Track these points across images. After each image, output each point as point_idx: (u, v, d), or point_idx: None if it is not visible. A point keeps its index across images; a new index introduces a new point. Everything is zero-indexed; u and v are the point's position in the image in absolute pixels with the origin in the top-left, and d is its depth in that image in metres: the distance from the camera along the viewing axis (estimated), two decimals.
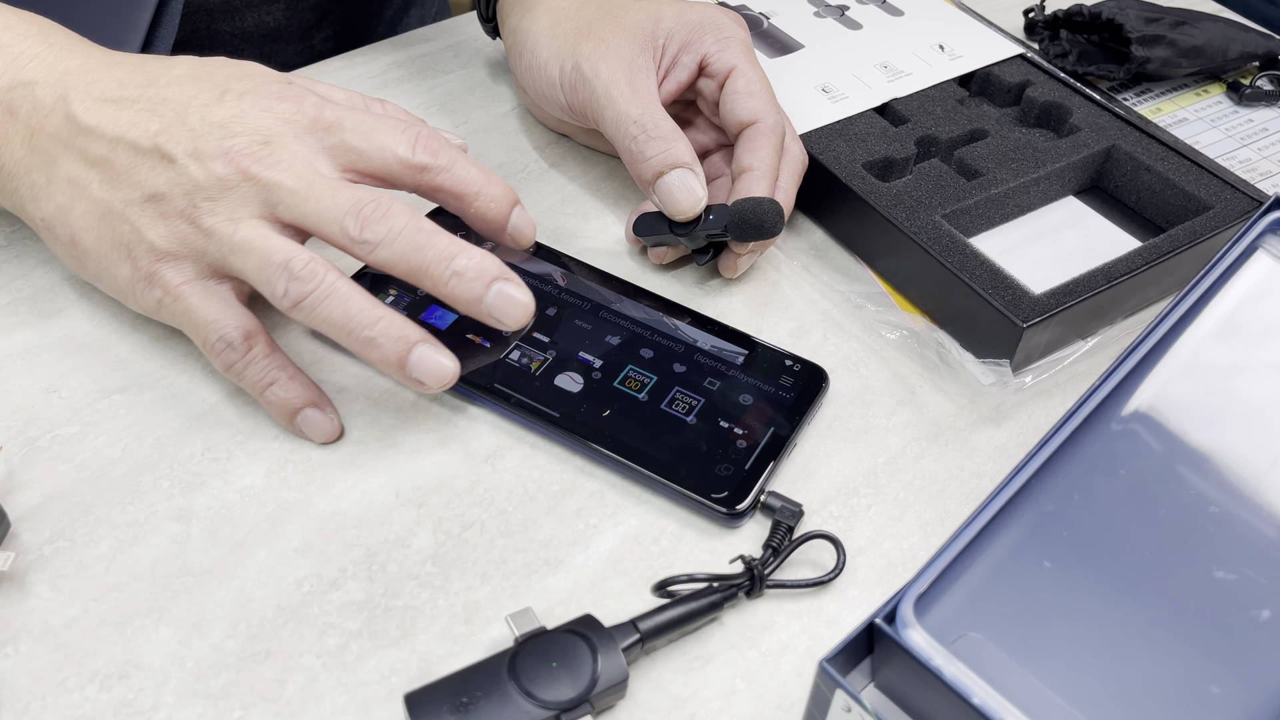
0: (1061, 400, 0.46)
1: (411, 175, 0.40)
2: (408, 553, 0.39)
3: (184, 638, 0.36)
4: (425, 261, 0.38)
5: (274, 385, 0.41)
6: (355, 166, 0.40)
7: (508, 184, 0.42)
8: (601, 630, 0.35)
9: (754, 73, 0.49)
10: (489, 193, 0.41)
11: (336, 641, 0.36)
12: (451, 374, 0.39)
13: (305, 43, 0.68)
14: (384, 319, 0.38)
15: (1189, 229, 0.49)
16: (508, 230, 0.42)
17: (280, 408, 0.41)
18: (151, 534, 0.39)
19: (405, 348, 0.38)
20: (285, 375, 0.41)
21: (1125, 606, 0.32)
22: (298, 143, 0.39)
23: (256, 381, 0.41)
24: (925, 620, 0.31)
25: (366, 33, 0.70)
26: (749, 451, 0.41)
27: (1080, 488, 0.33)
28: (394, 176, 0.40)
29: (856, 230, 0.51)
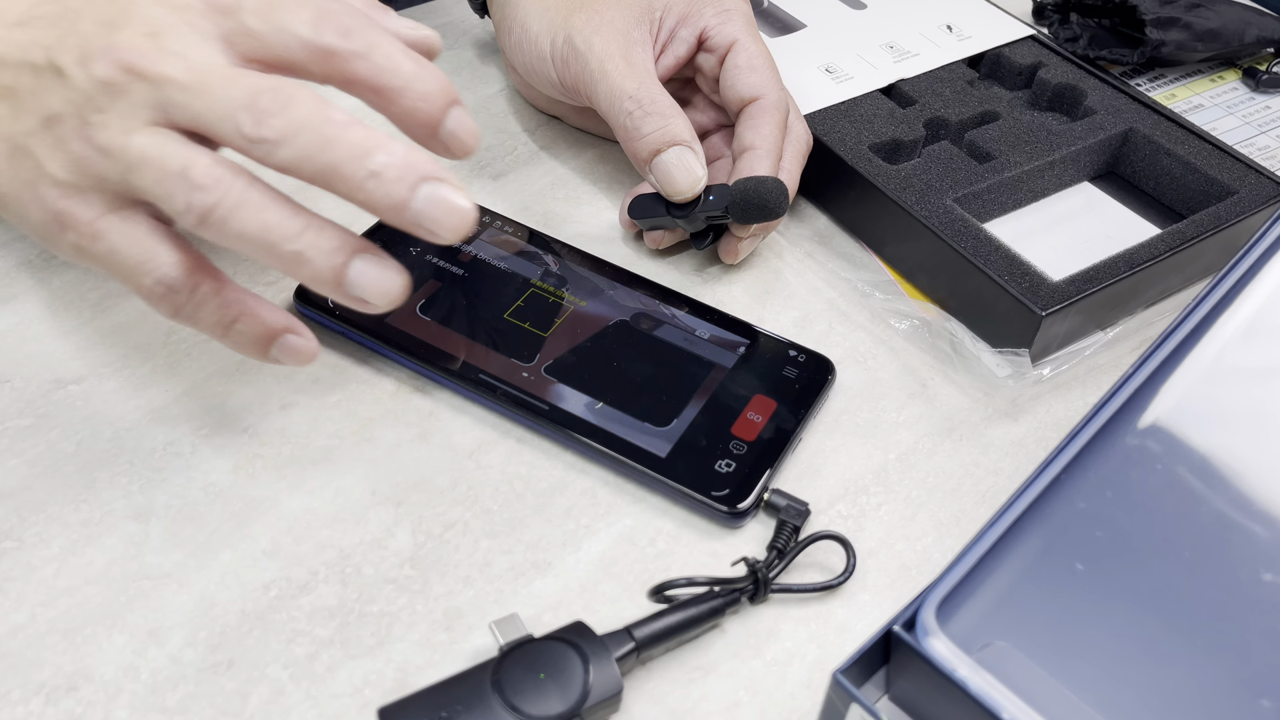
0: (1081, 394, 0.43)
1: (318, 62, 0.33)
2: (384, 554, 0.36)
3: (139, 647, 0.33)
4: (335, 160, 0.31)
5: (238, 322, 0.35)
6: (255, 54, 0.33)
7: (445, 78, 0.33)
8: (593, 638, 0.32)
9: (756, 47, 0.47)
10: (417, 88, 0.33)
11: (306, 651, 0.33)
12: (400, 287, 0.33)
13: None
14: (311, 228, 0.32)
15: (1213, 214, 0.46)
16: (440, 135, 0.34)
17: (251, 342, 0.35)
18: (107, 534, 0.36)
19: (340, 261, 0.32)
20: (248, 307, 0.35)
21: (1165, 612, 0.29)
22: (191, 30, 0.33)
23: (216, 322, 0.35)
24: (948, 627, 0.28)
25: None
26: (751, 447, 0.39)
27: (1114, 484, 0.31)
28: (298, 64, 0.33)
29: (863, 215, 0.48)
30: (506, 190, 0.50)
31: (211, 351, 0.42)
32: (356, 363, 0.42)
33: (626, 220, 0.47)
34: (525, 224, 0.47)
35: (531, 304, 0.43)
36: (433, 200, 0.32)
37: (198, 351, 0.42)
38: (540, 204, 0.50)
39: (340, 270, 0.32)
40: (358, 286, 0.32)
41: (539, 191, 0.50)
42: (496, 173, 0.51)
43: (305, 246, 0.32)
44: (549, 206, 0.50)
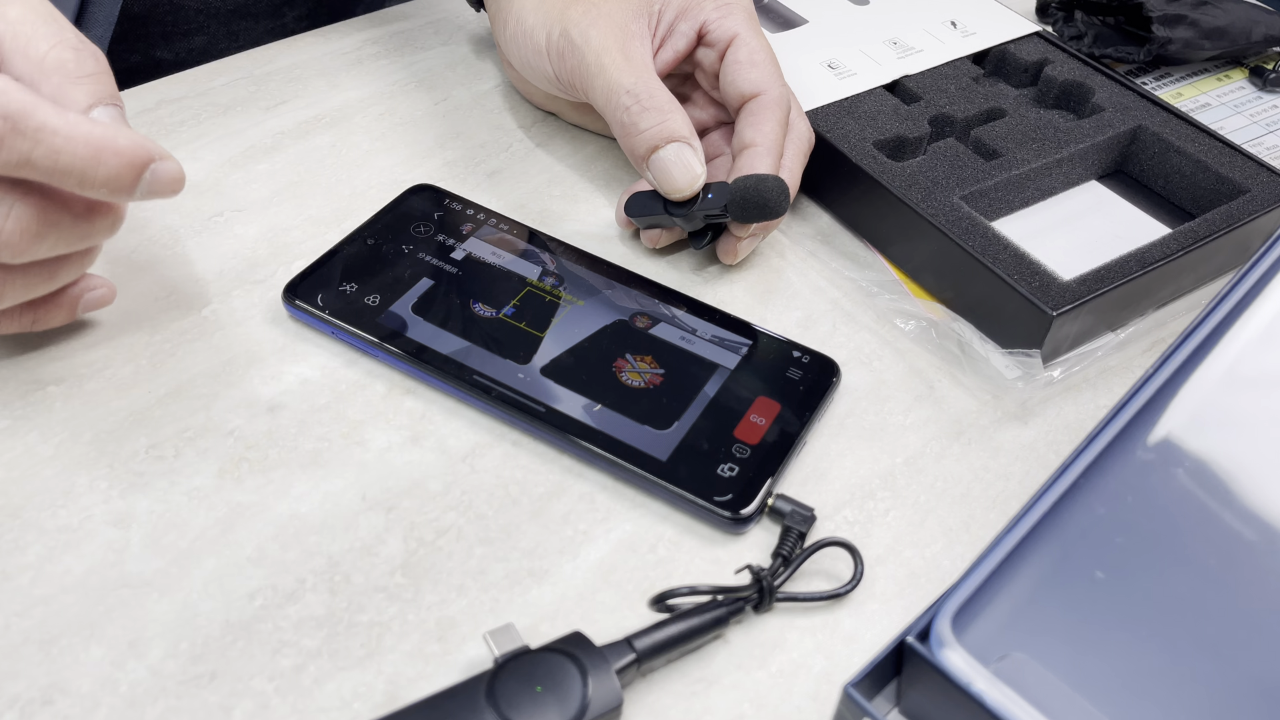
0: (1092, 396, 0.42)
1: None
2: (375, 562, 0.35)
3: (118, 658, 0.32)
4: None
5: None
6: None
7: (125, 151, 0.32)
8: (592, 649, 0.31)
9: (757, 41, 0.46)
10: (99, 175, 0.32)
11: (292, 662, 0.32)
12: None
13: (276, 20, 0.64)
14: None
15: (1225, 213, 0.45)
16: (138, 197, 0.34)
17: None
18: (86, 541, 0.34)
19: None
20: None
21: (1189, 622, 0.28)
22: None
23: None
24: (964, 638, 0.27)
25: (343, 10, 0.66)
26: (755, 450, 0.37)
27: (1135, 489, 0.29)
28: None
29: (867, 213, 0.47)
30: (502, 187, 0.49)
31: (195, 353, 0.40)
32: (346, 363, 0.40)
33: (623, 218, 0.46)
34: (521, 222, 0.46)
35: (527, 303, 0.42)
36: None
37: (182, 352, 0.40)
38: (537, 201, 0.48)
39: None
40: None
41: (535, 189, 0.49)
42: (492, 169, 0.50)
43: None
44: (545, 204, 0.48)
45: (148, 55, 0.60)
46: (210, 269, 0.44)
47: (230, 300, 0.42)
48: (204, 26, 0.61)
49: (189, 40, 0.61)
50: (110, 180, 0.32)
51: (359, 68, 0.55)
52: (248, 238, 0.45)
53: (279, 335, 0.41)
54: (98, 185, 0.32)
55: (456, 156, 0.50)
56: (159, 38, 0.60)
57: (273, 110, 0.52)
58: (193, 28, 0.60)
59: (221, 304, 0.42)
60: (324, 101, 0.53)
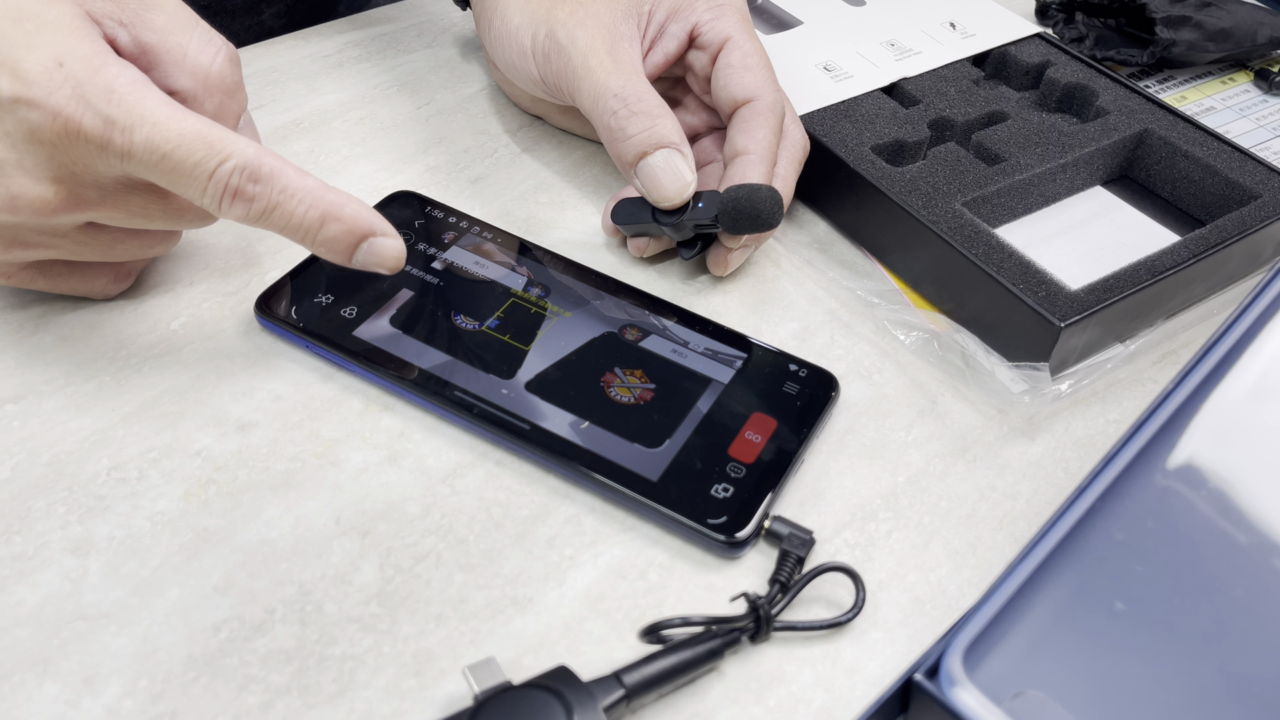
0: (1101, 410, 0.41)
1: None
2: (349, 590, 0.33)
3: (72, 696, 0.30)
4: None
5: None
6: None
7: (343, 224, 0.35)
8: (578, 685, 0.29)
9: (751, 45, 0.44)
10: (324, 236, 0.35)
11: (259, 699, 0.30)
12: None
13: (254, 17, 0.62)
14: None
15: (1237, 219, 0.44)
16: (354, 264, 0.36)
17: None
18: (41, 569, 0.32)
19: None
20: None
21: (1218, 657, 0.26)
22: None
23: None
24: (976, 675, 0.25)
25: (324, 10, 0.64)
26: (750, 469, 0.36)
27: (1155, 513, 0.28)
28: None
29: (866, 220, 0.45)
30: (486, 194, 0.47)
31: (163, 368, 0.38)
32: (321, 378, 0.39)
33: (610, 226, 0.44)
34: (506, 230, 0.44)
35: (512, 315, 0.40)
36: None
37: (148, 368, 0.38)
38: (522, 209, 0.47)
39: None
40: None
41: (521, 196, 0.47)
42: (475, 175, 0.48)
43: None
44: (531, 211, 0.47)
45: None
46: (180, 280, 0.42)
47: (200, 313, 0.41)
48: None
49: None
50: (328, 243, 0.34)
51: (339, 71, 0.54)
52: (220, 247, 0.43)
53: (251, 349, 0.39)
54: (315, 245, 0.34)
55: (439, 162, 0.49)
56: None
57: None
58: None
59: (191, 317, 0.40)
60: (302, 105, 0.51)
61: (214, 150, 0.32)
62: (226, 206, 0.33)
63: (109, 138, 0.31)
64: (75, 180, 0.32)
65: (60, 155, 0.31)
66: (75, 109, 0.31)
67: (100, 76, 0.31)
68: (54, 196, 0.32)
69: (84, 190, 0.33)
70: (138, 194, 0.34)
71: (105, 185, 0.33)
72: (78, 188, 0.33)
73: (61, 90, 0.30)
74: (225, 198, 0.32)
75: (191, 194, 0.32)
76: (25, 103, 0.31)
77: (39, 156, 0.32)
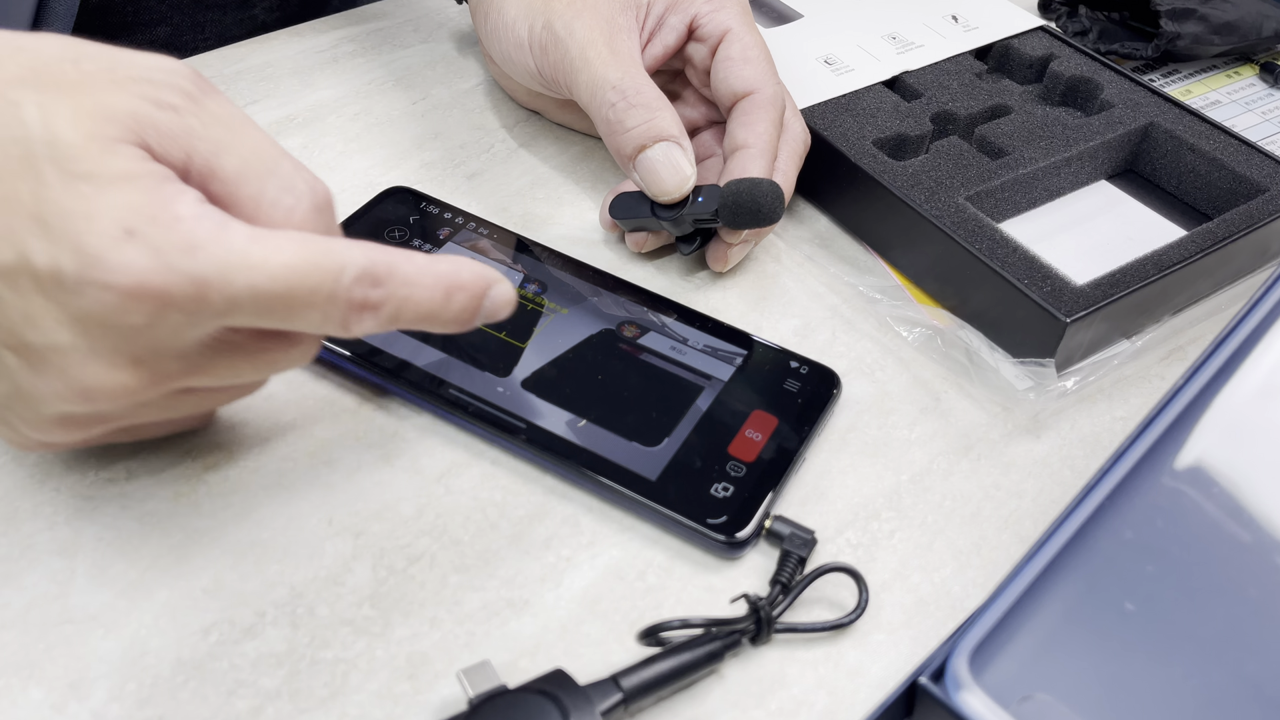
0: (1107, 407, 0.40)
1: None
2: (341, 592, 0.32)
3: (58, 701, 0.29)
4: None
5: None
6: None
7: (467, 294, 0.30)
8: (575, 689, 0.29)
9: (751, 37, 0.43)
10: (445, 317, 0.31)
11: (249, 704, 0.29)
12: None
13: (245, 11, 0.61)
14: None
15: (1244, 213, 0.43)
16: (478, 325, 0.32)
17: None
18: (27, 571, 0.32)
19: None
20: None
21: (1230, 658, 0.25)
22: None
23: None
24: (983, 678, 0.25)
25: (316, 4, 0.64)
26: (751, 468, 0.35)
27: (1165, 512, 0.27)
28: None
29: (867, 215, 0.45)
30: (483, 189, 0.47)
31: None
32: (313, 377, 0.38)
33: (607, 220, 0.43)
34: (502, 226, 0.43)
35: None
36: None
37: None
38: (519, 204, 0.46)
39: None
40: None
41: (518, 191, 0.47)
42: (472, 171, 0.47)
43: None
44: (528, 207, 0.46)
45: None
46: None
47: None
48: (167, 17, 0.58)
49: (151, 31, 0.58)
50: (457, 316, 0.30)
51: (334, 66, 0.53)
52: None
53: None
54: (444, 323, 0.30)
55: (435, 158, 0.48)
56: (119, 29, 0.57)
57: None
58: (155, 18, 0.58)
59: None
60: (296, 101, 0.50)
61: (326, 270, 0.27)
62: (355, 323, 0.28)
63: (204, 299, 0.26)
64: (157, 355, 0.28)
65: (142, 334, 0.27)
66: (159, 280, 0.26)
67: (177, 233, 0.26)
68: (134, 380, 0.28)
69: (167, 364, 0.28)
70: (225, 352, 0.29)
71: (190, 352, 0.28)
72: (160, 363, 0.28)
73: (137, 263, 0.26)
74: (352, 315, 0.28)
75: (311, 325, 0.28)
76: (96, 284, 0.26)
77: (114, 340, 0.27)
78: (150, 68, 0.28)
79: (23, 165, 0.26)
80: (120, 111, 0.27)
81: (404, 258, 0.29)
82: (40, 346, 0.27)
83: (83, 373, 0.27)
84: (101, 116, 0.26)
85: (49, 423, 0.29)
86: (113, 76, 0.27)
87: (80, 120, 0.26)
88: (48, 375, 0.27)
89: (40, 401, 0.28)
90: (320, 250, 0.27)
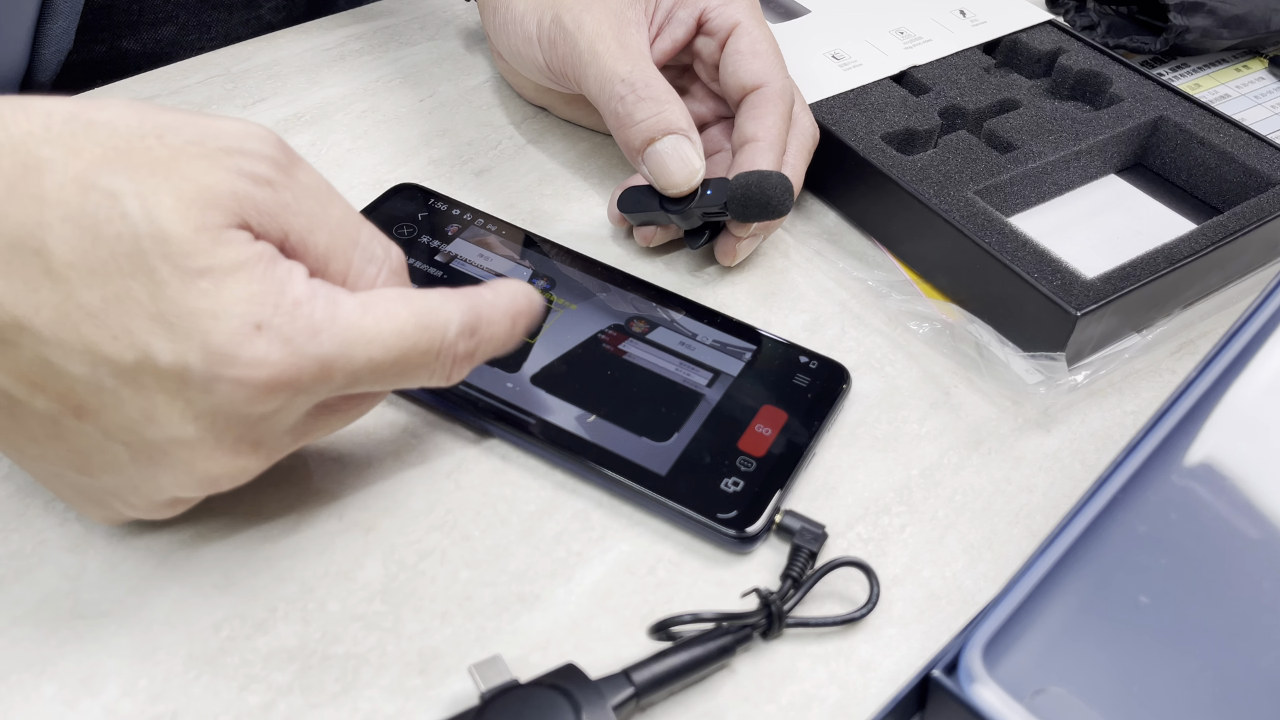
0: (1118, 402, 0.40)
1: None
2: (352, 588, 0.32)
3: (70, 697, 0.29)
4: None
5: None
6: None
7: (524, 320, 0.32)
8: (586, 683, 0.29)
9: (759, 31, 0.43)
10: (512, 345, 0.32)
11: (260, 699, 0.29)
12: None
13: (252, 11, 0.61)
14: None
15: (1255, 206, 0.43)
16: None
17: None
18: (38, 568, 0.32)
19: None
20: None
21: (1245, 651, 0.25)
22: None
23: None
24: (996, 672, 0.25)
25: (323, 3, 0.64)
26: (761, 463, 0.35)
27: (1178, 505, 0.27)
28: None
29: (876, 209, 0.45)
30: (491, 186, 0.47)
31: None
32: None
33: (615, 214, 0.43)
34: (510, 222, 0.43)
35: None
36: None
37: None
38: (527, 201, 0.46)
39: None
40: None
41: (526, 187, 0.47)
42: (480, 167, 0.47)
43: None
44: (537, 203, 0.46)
45: (113, 46, 0.57)
46: None
47: None
48: (173, 16, 0.58)
49: (157, 30, 0.58)
50: (519, 338, 0.32)
51: (341, 64, 0.53)
52: None
53: None
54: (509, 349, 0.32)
55: (443, 155, 0.48)
56: (125, 28, 0.57)
57: (250, 108, 0.50)
58: (161, 17, 0.58)
59: None
60: (304, 99, 0.50)
61: (433, 330, 0.28)
62: (457, 375, 0.30)
63: (330, 378, 0.27)
64: (275, 435, 0.28)
65: (268, 420, 0.27)
66: (291, 370, 0.26)
67: (300, 319, 0.26)
68: (255, 463, 0.29)
69: (282, 441, 0.29)
70: (324, 415, 0.30)
71: (298, 424, 0.29)
72: (273, 439, 0.29)
73: (271, 357, 0.26)
74: (456, 369, 0.30)
75: (419, 382, 0.30)
76: (230, 381, 0.26)
77: (240, 429, 0.27)
78: (240, 136, 0.27)
79: (133, 263, 0.25)
80: (222, 194, 0.26)
81: (484, 301, 0.30)
82: (161, 441, 0.27)
83: (209, 464, 0.28)
84: (205, 203, 0.26)
85: (159, 506, 0.30)
86: (203, 150, 0.26)
87: (186, 211, 0.25)
88: (168, 467, 0.28)
89: (156, 490, 0.29)
90: (424, 310, 0.28)
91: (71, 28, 0.51)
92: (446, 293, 0.29)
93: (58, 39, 0.51)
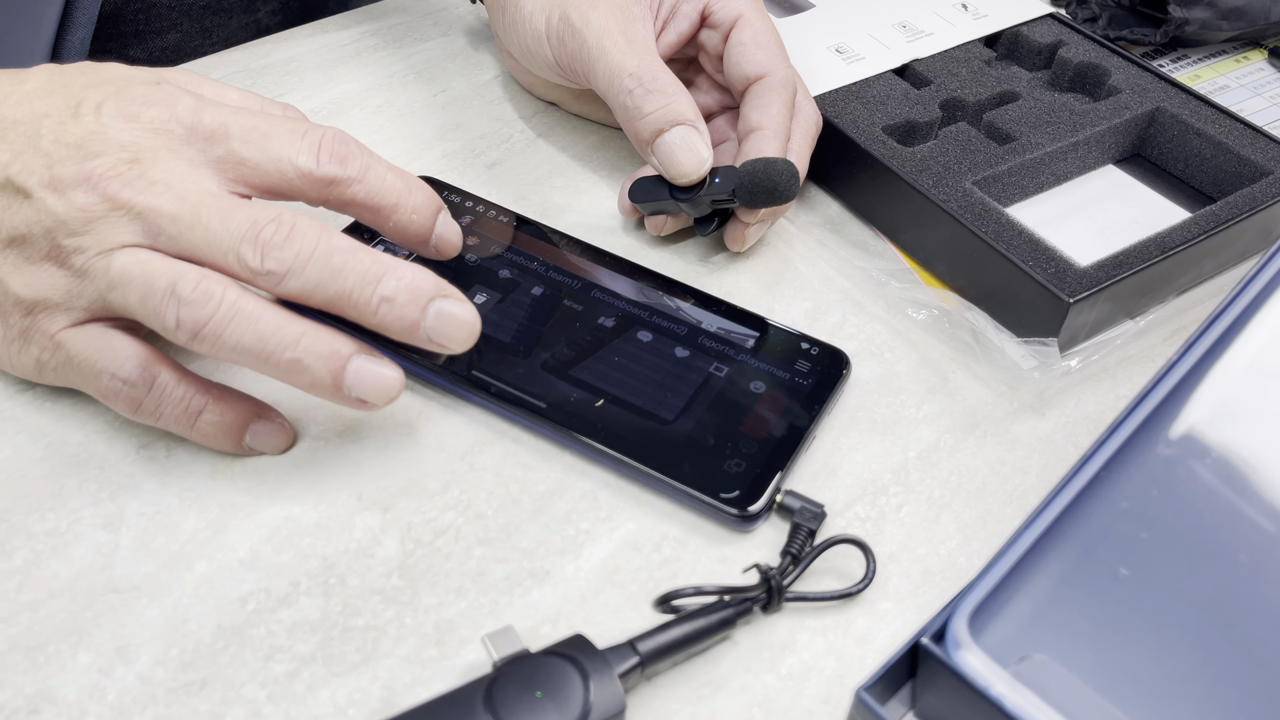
0: (1111, 386, 0.41)
1: (317, 189, 0.34)
2: (371, 564, 0.34)
3: (105, 665, 0.31)
4: (346, 288, 0.32)
5: (204, 412, 0.34)
6: (247, 180, 0.33)
7: (428, 187, 0.36)
8: (594, 653, 0.30)
9: (762, 23, 0.44)
10: (409, 202, 0.35)
11: (285, 668, 0.31)
12: (396, 385, 0.33)
13: (250, 15, 0.63)
14: (307, 334, 0.32)
15: (1248, 195, 0.44)
16: (431, 242, 0.36)
17: (220, 434, 0.35)
18: (74, 544, 0.33)
19: (338, 365, 0.32)
20: (212, 397, 0.35)
21: (1220, 621, 0.27)
22: (174, 157, 0.32)
23: (180, 415, 0.34)
24: (982, 639, 0.26)
25: (317, 7, 0.65)
26: (762, 445, 0.36)
27: (1159, 481, 0.28)
28: (295, 191, 0.34)
29: (877, 200, 0.46)
30: (502, 179, 0.48)
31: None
32: None
33: (626, 205, 0.45)
34: (522, 214, 0.45)
35: (530, 297, 0.41)
36: (441, 317, 0.32)
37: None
38: (537, 193, 0.47)
39: (338, 374, 0.32)
40: (355, 388, 0.32)
41: (536, 180, 0.48)
42: (491, 161, 0.49)
43: (302, 353, 0.32)
44: (546, 195, 0.47)
45: (122, 55, 0.59)
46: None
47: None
48: (176, 24, 0.60)
49: (162, 38, 0.60)
50: (418, 209, 0.35)
51: (356, 60, 0.54)
52: None
53: None
54: (407, 211, 0.35)
55: (456, 148, 0.49)
56: (132, 37, 0.59)
57: None
58: (165, 25, 0.59)
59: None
60: (321, 94, 0.52)
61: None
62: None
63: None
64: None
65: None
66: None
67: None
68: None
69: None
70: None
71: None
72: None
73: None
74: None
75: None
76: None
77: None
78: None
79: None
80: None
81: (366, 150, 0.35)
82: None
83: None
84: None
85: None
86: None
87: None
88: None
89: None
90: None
91: (88, 38, 0.52)
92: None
93: (76, 50, 0.52)
